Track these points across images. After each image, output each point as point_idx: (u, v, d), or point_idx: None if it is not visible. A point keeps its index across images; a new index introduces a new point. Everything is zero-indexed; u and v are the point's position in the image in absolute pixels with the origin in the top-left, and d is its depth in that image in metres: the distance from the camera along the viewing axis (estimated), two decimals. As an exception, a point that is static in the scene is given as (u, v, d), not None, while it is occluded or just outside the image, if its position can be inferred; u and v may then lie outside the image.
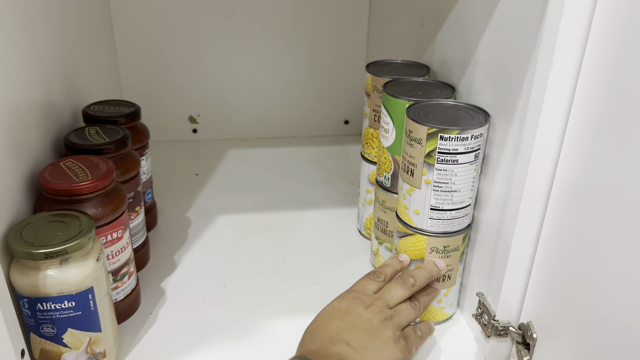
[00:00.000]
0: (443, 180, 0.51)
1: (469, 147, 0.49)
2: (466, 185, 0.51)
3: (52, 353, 0.47)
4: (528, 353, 0.46)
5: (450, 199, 0.52)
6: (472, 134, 0.49)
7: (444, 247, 0.54)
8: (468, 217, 0.54)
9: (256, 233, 0.74)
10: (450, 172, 0.50)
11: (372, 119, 0.67)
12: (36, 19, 0.56)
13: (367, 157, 0.69)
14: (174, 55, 0.94)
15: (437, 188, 0.51)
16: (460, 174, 0.50)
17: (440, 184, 0.51)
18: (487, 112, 0.52)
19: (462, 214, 0.53)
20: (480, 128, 0.49)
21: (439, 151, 0.50)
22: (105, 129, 0.60)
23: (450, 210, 0.52)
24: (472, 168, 0.51)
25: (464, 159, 0.50)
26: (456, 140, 0.49)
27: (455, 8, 0.58)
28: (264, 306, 0.61)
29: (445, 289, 0.56)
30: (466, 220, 0.54)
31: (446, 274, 0.55)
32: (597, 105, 0.37)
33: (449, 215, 0.52)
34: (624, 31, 0.34)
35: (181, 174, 0.89)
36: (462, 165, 0.50)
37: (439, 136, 0.49)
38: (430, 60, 0.67)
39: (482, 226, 0.54)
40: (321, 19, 0.95)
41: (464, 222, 0.54)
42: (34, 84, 0.55)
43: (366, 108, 0.67)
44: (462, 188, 0.51)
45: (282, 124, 1.02)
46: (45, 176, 0.50)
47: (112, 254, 0.53)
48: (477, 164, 0.51)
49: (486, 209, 0.52)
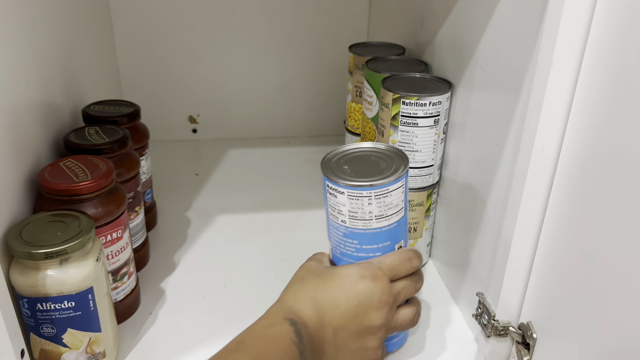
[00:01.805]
0: (405, 140, 0.59)
1: (428, 113, 0.57)
2: (427, 147, 0.59)
3: (52, 353, 0.47)
4: (528, 353, 0.46)
5: (413, 158, 0.59)
6: (430, 101, 0.56)
7: (409, 202, 0.61)
8: (432, 177, 0.61)
9: (256, 233, 0.74)
10: (412, 134, 0.58)
11: (354, 94, 0.75)
12: (36, 19, 0.56)
13: (350, 129, 0.78)
14: (174, 55, 0.94)
15: (401, 147, 0.59)
16: (420, 136, 0.58)
17: (404, 143, 0.59)
18: (451, 83, 0.59)
19: (424, 172, 0.60)
20: (439, 96, 0.57)
21: (401, 114, 0.58)
22: (105, 129, 0.60)
23: (412, 169, 0.60)
24: (432, 132, 0.58)
25: (423, 123, 0.58)
26: (415, 105, 0.57)
27: (455, 8, 0.59)
28: (264, 306, 0.60)
29: (412, 240, 0.64)
30: (429, 179, 0.61)
31: (412, 226, 0.63)
32: (597, 104, 0.37)
33: (412, 173, 0.60)
34: (623, 31, 0.34)
35: (181, 174, 0.89)
36: (422, 128, 0.58)
37: (401, 101, 0.57)
38: (430, 59, 0.67)
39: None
40: (321, 19, 0.95)
41: (427, 180, 0.61)
42: (34, 84, 0.55)
43: (349, 85, 0.75)
44: (423, 149, 0.59)
45: (282, 124, 1.02)
46: (45, 176, 0.50)
47: (112, 254, 0.53)
48: (437, 129, 0.58)
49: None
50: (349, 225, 0.48)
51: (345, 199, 0.47)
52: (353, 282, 0.45)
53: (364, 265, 0.47)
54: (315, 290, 0.46)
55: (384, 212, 0.47)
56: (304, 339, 0.42)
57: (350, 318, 0.45)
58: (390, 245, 0.49)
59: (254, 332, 0.42)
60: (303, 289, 0.46)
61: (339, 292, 0.45)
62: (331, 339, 0.44)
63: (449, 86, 0.59)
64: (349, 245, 0.49)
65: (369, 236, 0.48)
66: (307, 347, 0.42)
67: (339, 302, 0.45)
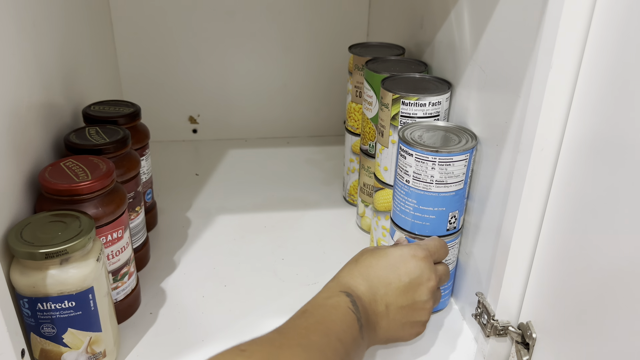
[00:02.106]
0: None
1: (427, 113, 0.57)
2: None
3: (52, 353, 0.47)
4: (527, 353, 0.46)
5: None
6: (430, 101, 0.57)
7: None
8: None
9: (256, 233, 0.74)
10: None
11: (354, 94, 0.74)
12: (36, 19, 0.56)
13: (350, 129, 0.77)
14: (174, 55, 0.94)
15: None
16: None
17: None
18: (451, 83, 0.59)
19: None
20: (438, 96, 0.57)
21: (401, 115, 0.58)
22: (106, 129, 0.60)
23: None
24: None
25: None
26: (415, 105, 0.57)
27: (454, 8, 0.59)
28: (264, 306, 0.61)
29: None
30: None
31: None
32: (597, 105, 0.37)
33: None
34: (623, 31, 0.34)
35: (181, 174, 0.89)
36: None
37: (400, 101, 0.57)
38: (429, 60, 0.67)
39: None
40: (321, 19, 0.95)
41: None
42: (34, 84, 0.55)
43: (349, 85, 0.75)
44: None
45: (282, 124, 1.02)
46: (45, 176, 0.50)
47: (112, 254, 0.53)
48: None
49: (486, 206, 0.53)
50: (412, 185, 0.53)
51: (413, 161, 0.52)
52: (405, 261, 0.49)
53: (414, 247, 0.51)
54: (368, 269, 0.49)
55: (444, 179, 0.51)
56: (359, 308, 0.45)
57: (402, 294, 0.48)
58: (444, 211, 0.53)
59: (316, 303, 0.45)
60: (357, 267, 0.49)
61: (391, 270, 0.49)
62: (383, 312, 0.48)
63: (449, 86, 0.59)
64: (409, 204, 0.54)
65: (427, 198, 0.53)
66: (363, 315, 0.45)
67: (391, 280, 0.48)
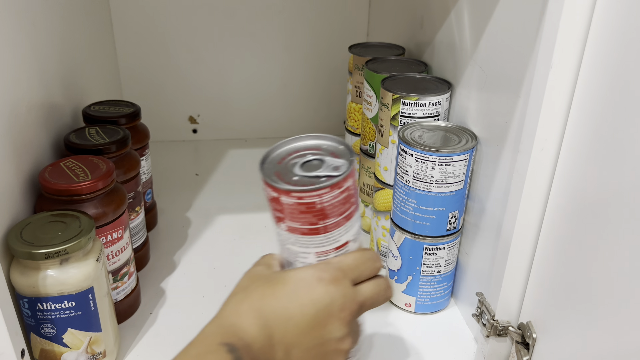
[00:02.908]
0: None
1: (427, 113, 0.57)
2: None
3: (52, 353, 0.47)
4: (527, 353, 0.46)
5: None
6: (430, 101, 0.57)
7: None
8: None
9: (256, 233, 0.74)
10: None
11: (354, 94, 0.74)
12: (36, 19, 0.56)
13: (350, 129, 0.77)
14: (174, 55, 0.94)
15: None
16: None
17: None
18: (451, 83, 0.58)
19: None
20: (438, 96, 0.57)
21: (401, 115, 0.58)
22: (106, 129, 0.60)
23: None
24: None
25: None
26: (415, 105, 0.57)
27: (454, 8, 0.59)
28: (264, 306, 0.60)
29: None
30: None
31: None
32: (597, 105, 0.37)
33: None
34: (623, 31, 0.34)
35: (181, 174, 0.89)
36: None
37: (400, 101, 0.57)
38: (429, 60, 0.67)
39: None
40: (321, 19, 0.95)
41: None
42: (34, 84, 0.55)
43: (349, 85, 0.75)
44: None
45: (282, 124, 1.02)
46: (45, 176, 0.50)
47: (112, 254, 0.53)
48: None
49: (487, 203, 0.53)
50: (412, 186, 0.53)
51: (413, 161, 0.52)
52: (308, 287, 0.37)
53: (321, 267, 0.38)
54: (261, 300, 0.37)
55: (444, 179, 0.51)
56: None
57: (306, 332, 0.36)
58: (444, 212, 0.53)
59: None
60: (246, 300, 0.37)
61: (291, 301, 0.36)
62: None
63: (449, 86, 0.59)
64: (409, 204, 0.54)
65: (427, 198, 0.53)
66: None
67: (291, 313, 0.36)
